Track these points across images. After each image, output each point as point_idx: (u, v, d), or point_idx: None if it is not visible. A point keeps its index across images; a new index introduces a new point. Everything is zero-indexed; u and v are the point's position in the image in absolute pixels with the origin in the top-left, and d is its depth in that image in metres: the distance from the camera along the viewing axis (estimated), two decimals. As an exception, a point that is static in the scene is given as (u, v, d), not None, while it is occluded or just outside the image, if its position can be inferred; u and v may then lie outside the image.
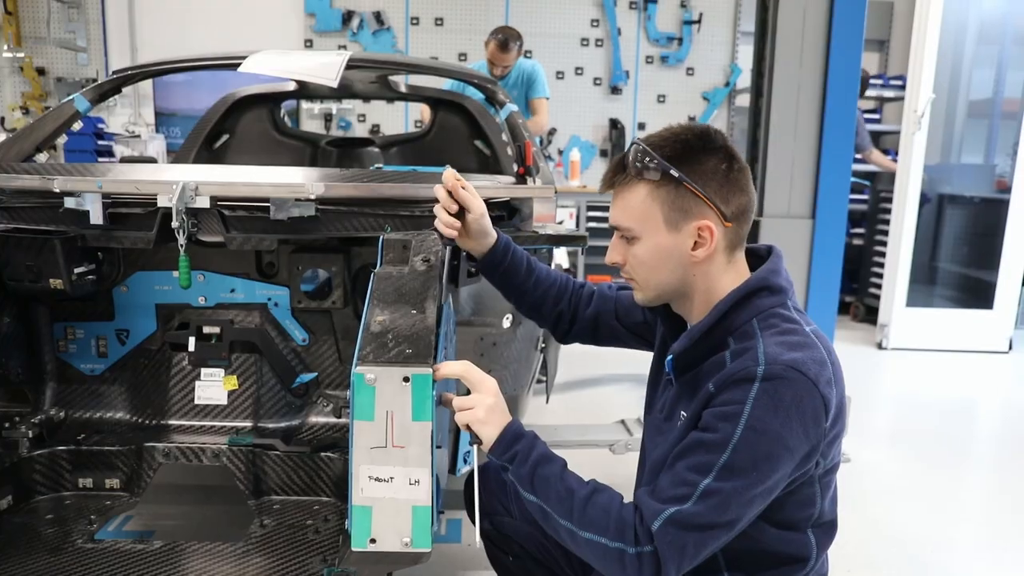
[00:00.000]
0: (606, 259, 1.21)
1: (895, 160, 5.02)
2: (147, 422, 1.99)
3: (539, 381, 2.61)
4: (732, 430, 1.00)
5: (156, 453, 1.86)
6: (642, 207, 1.12)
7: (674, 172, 1.09)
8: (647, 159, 1.10)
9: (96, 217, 1.69)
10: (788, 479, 1.05)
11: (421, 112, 4.84)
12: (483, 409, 1.13)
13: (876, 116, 6.17)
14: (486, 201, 1.90)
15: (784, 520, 1.12)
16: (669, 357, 1.17)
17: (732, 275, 1.15)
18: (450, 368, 1.18)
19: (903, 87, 5.07)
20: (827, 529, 1.18)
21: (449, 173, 1.39)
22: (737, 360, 1.06)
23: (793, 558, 1.15)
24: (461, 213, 1.40)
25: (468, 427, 1.15)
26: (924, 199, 4.78)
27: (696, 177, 1.09)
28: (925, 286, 5.14)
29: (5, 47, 5.78)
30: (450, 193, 1.38)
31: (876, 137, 6.19)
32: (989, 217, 4.96)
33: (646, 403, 1.34)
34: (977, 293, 4.97)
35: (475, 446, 1.17)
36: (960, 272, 5.26)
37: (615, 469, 2.55)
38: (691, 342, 1.13)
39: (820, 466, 1.09)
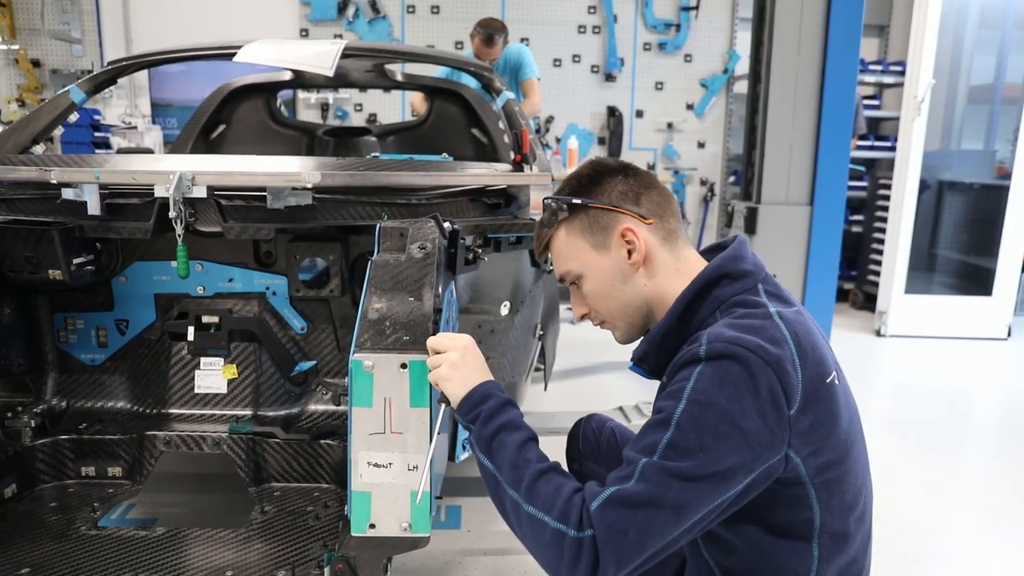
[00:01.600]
0: (574, 317, 1.24)
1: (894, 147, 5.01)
2: (148, 411, 2.00)
3: (537, 369, 2.62)
4: (675, 406, 0.96)
5: (157, 441, 1.87)
6: (567, 246, 1.17)
7: (576, 200, 1.15)
8: (551, 204, 1.18)
9: (94, 208, 1.69)
10: (752, 473, 0.95)
11: (411, 101, 4.82)
12: (447, 365, 1.11)
13: (875, 102, 6.15)
14: (483, 188, 1.92)
15: (779, 525, 1.04)
16: (631, 364, 1.16)
17: (686, 274, 1.13)
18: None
19: (903, 73, 5.05)
20: (836, 540, 1.05)
21: None
22: (686, 348, 1.02)
23: (791, 570, 1.05)
24: None
25: (437, 386, 1.13)
26: (923, 186, 4.78)
27: (598, 195, 1.15)
28: (924, 273, 5.15)
29: (0, 39, 5.76)
30: None
31: (875, 123, 6.18)
32: (989, 203, 4.96)
33: None
34: (976, 280, 4.98)
35: (443, 406, 1.15)
36: (959, 259, 5.26)
37: (614, 455, 2.57)
38: (650, 345, 1.11)
39: (800, 462, 0.99)
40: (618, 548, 0.92)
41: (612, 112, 6.30)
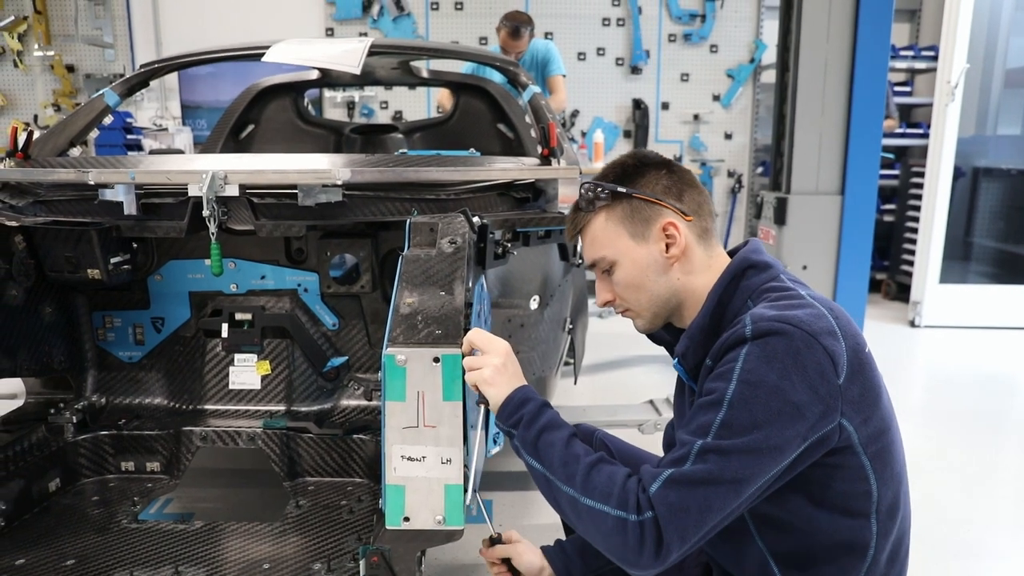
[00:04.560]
0: (597, 303, 1.24)
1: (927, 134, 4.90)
2: (184, 407, 2.04)
3: (567, 363, 2.61)
4: (726, 387, 0.98)
5: (194, 437, 1.90)
6: (605, 232, 1.17)
7: (621, 189, 1.16)
8: (592, 191, 1.18)
9: (130, 208, 1.72)
10: (805, 441, 0.97)
11: (438, 98, 4.83)
12: (490, 369, 1.13)
13: (907, 88, 6.02)
14: (511, 183, 1.92)
15: (839, 502, 1.04)
16: (675, 361, 1.17)
17: (716, 270, 1.15)
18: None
19: (935, 58, 4.94)
20: (892, 515, 1.07)
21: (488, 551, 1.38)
22: (729, 331, 1.04)
23: (849, 547, 1.06)
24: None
25: (476, 388, 1.15)
26: (958, 173, 4.67)
27: (642, 186, 1.16)
28: (959, 262, 5.03)
29: (36, 46, 5.90)
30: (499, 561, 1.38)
31: (907, 110, 6.05)
32: (1027, 189, 4.84)
33: (675, 416, 1.34)
34: (1013, 268, 4.86)
35: (482, 407, 1.17)
36: (996, 247, 5.14)
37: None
38: (691, 340, 1.13)
39: (853, 431, 1.00)
40: (681, 525, 0.94)
41: (637, 105, 6.25)
